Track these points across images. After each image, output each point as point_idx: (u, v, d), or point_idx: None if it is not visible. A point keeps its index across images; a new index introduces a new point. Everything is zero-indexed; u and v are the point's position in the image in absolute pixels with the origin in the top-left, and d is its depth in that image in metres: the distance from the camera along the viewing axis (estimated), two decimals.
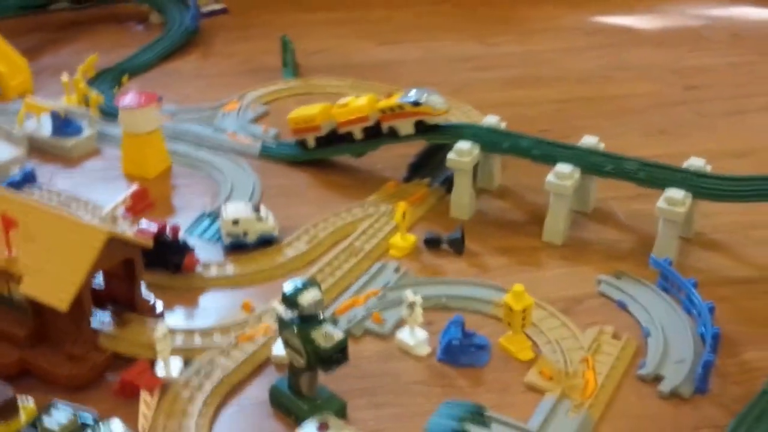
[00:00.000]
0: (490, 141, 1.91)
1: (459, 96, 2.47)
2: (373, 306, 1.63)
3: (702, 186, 1.72)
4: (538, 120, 2.35)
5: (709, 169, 1.80)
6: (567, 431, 1.35)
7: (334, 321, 1.58)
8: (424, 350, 1.54)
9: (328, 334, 1.28)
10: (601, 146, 1.91)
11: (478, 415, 1.37)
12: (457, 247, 1.81)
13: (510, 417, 1.39)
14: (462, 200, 1.92)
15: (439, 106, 1.91)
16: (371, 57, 2.80)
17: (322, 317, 1.30)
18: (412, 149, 2.10)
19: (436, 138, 1.97)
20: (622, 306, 1.65)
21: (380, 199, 1.97)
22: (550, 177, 1.79)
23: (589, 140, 1.91)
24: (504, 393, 1.45)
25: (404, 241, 1.81)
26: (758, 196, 1.70)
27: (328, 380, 1.42)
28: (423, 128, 1.93)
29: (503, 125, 2.02)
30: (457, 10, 3.19)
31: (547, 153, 1.86)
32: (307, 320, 1.29)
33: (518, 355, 1.53)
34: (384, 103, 1.95)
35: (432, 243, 1.82)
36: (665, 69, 2.70)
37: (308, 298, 1.27)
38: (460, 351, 1.51)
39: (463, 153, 1.88)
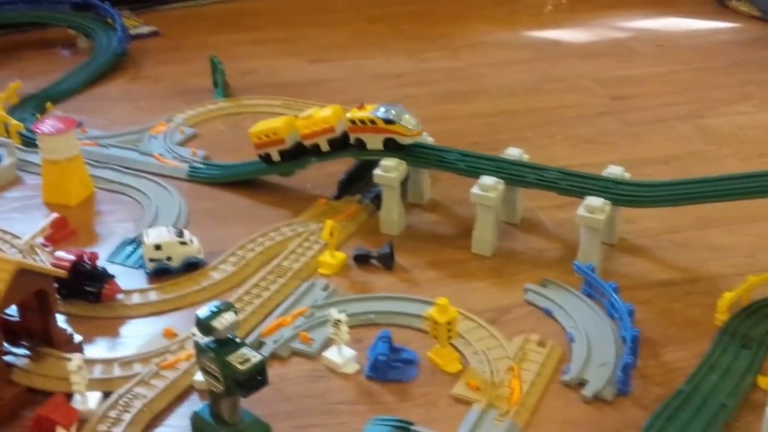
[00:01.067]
0: (416, 155, 1.93)
1: None
2: (301, 325, 1.62)
3: (620, 193, 1.76)
4: (468, 134, 2.38)
5: (627, 176, 1.84)
6: None
7: (260, 343, 1.57)
8: (352, 368, 1.53)
9: (245, 358, 1.26)
10: (525, 157, 1.93)
11: (404, 431, 1.37)
12: (387, 262, 1.81)
13: (437, 430, 1.39)
14: (391, 216, 1.93)
15: (412, 127, 1.88)
16: (302, 75, 2.80)
17: (239, 341, 1.29)
18: (342, 167, 2.10)
19: (372, 155, 1.97)
20: (548, 313, 1.66)
21: (310, 218, 1.96)
22: (475, 189, 1.81)
23: (512, 152, 1.94)
24: (431, 406, 1.46)
25: (333, 258, 1.81)
26: (673, 200, 1.74)
27: (253, 405, 1.40)
28: (392, 146, 1.90)
29: (430, 140, 2.03)
30: (388, 29, 3.21)
31: (473, 165, 1.88)
32: (224, 344, 1.27)
33: (446, 367, 1.53)
34: (355, 113, 1.92)
35: (361, 259, 1.82)
36: (592, 80, 2.75)
37: (223, 321, 1.25)
38: (388, 367, 1.51)
39: (389, 169, 1.89)
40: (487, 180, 1.81)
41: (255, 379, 1.27)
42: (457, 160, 1.90)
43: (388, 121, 1.87)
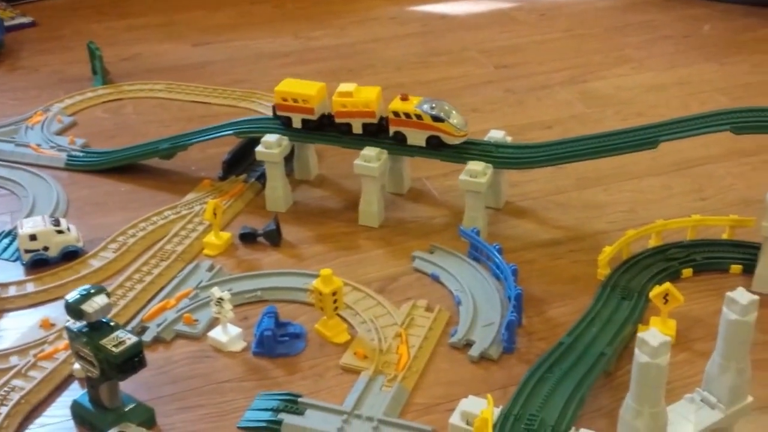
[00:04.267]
0: (298, 131, 1.90)
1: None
2: (185, 307, 1.58)
3: (501, 156, 1.78)
4: None
5: (509, 140, 1.86)
6: (381, 405, 1.35)
7: (143, 328, 1.54)
8: (239, 346, 1.51)
9: (120, 340, 1.23)
10: None
11: (292, 403, 1.36)
12: (273, 238, 1.79)
13: (325, 400, 1.38)
14: (276, 193, 1.91)
15: (460, 127, 1.77)
16: (186, 59, 2.75)
17: (113, 324, 1.25)
18: (225, 147, 2.07)
19: (250, 133, 1.94)
20: (435, 278, 1.67)
21: (194, 200, 1.92)
22: (358, 161, 1.80)
23: None
24: (320, 378, 1.45)
25: (218, 239, 1.78)
26: (553, 159, 1.76)
27: (137, 390, 1.38)
28: (435, 144, 1.78)
29: None
30: (273, 9, 3.18)
31: (356, 138, 1.87)
32: (96, 328, 1.23)
33: (334, 338, 1.52)
34: (399, 105, 1.78)
35: (247, 237, 1.80)
36: (477, 51, 2.78)
37: (93, 305, 1.21)
38: (275, 342, 1.49)
39: (271, 145, 1.86)
40: (370, 151, 1.80)
41: (131, 361, 1.24)
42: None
43: (436, 119, 1.75)
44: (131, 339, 1.24)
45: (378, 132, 1.83)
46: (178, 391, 1.43)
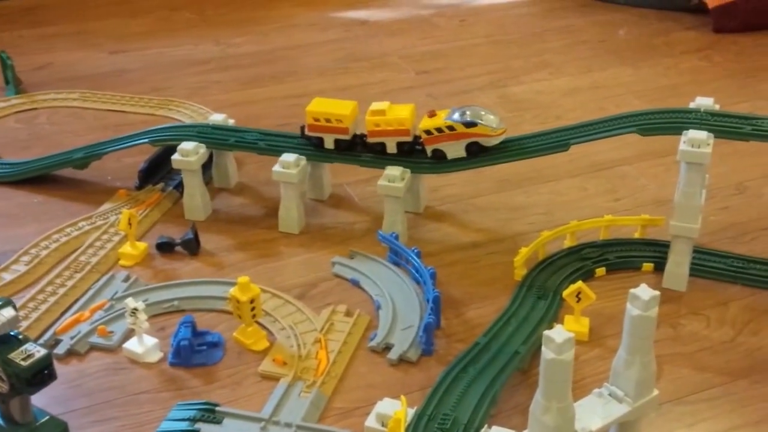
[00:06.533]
0: (216, 138, 1.89)
1: (195, 98, 2.45)
2: (100, 319, 1.55)
3: (419, 161, 1.78)
4: (275, 116, 2.37)
5: None
6: (299, 411, 1.35)
7: (56, 341, 1.50)
8: (155, 357, 1.49)
9: (29, 353, 1.20)
10: (231, 122, 1.96)
11: (209, 413, 1.34)
12: (191, 247, 1.77)
13: (244, 409, 1.37)
14: (194, 201, 1.88)
15: (496, 125, 1.71)
16: (101, 67, 2.70)
17: (21, 337, 1.22)
18: (143, 156, 2.04)
19: (165, 141, 1.92)
20: (355, 283, 1.68)
21: (110, 210, 1.89)
22: (276, 167, 1.80)
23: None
24: (238, 386, 1.44)
25: (134, 249, 1.75)
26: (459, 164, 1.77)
27: (50, 404, 1.34)
28: (476, 151, 1.73)
29: (231, 122, 2.00)
30: (193, 16, 3.15)
31: (273, 144, 1.86)
32: (4, 342, 1.20)
33: (253, 346, 1.51)
34: (428, 123, 1.72)
35: (165, 247, 1.77)
36: (398, 57, 2.80)
37: None
38: (192, 351, 1.47)
39: (188, 153, 1.84)
40: (288, 157, 1.80)
41: (40, 374, 1.21)
42: (257, 140, 1.87)
43: (469, 124, 1.69)
44: (40, 352, 1.21)
45: (412, 150, 1.77)
46: (93, 403, 1.40)
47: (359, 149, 1.80)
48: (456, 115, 1.71)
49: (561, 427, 1.08)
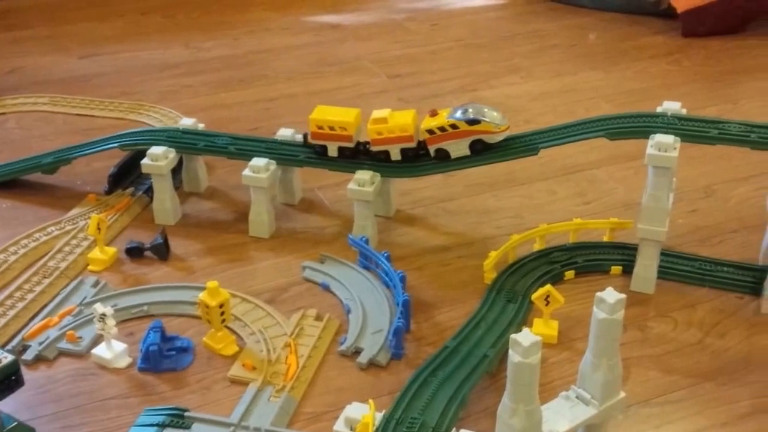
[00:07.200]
0: (185, 142, 1.88)
1: (165, 102, 2.44)
2: (68, 325, 1.54)
3: (390, 165, 1.78)
4: (246, 120, 2.36)
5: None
6: (268, 415, 1.34)
7: (24, 347, 1.49)
8: (124, 362, 1.48)
9: None
10: (299, 138, 1.93)
11: (178, 418, 1.34)
12: (160, 252, 1.76)
13: (213, 414, 1.36)
14: (164, 205, 1.88)
15: (499, 122, 1.69)
16: (71, 71, 2.68)
17: None
18: (113, 160, 2.02)
19: (134, 145, 1.91)
20: (326, 288, 1.68)
21: (79, 215, 1.87)
22: (246, 171, 1.79)
23: (285, 132, 1.93)
24: (207, 391, 1.43)
25: (104, 254, 1.74)
26: (437, 168, 1.77)
27: (18, 410, 1.34)
28: (480, 149, 1.71)
29: (201, 126, 1.99)
30: (164, 20, 3.13)
31: (243, 148, 1.86)
32: None
33: (222, 351, 1.51)
34: (431, 123, 1.70)
35: (134, 252, 1.76)
36: (370, 61, 2.80)
37: None
38: (160, 356, 1.47)
39: (157, 157, 1.83)
40: (258, 161, 1.79)
41: (8, 380, 1.21)
42: (228, 144, 1.87)
43: (472, 122, 1.68)
44: (7, 358, 1.21)
45: (417, 156, 1.76)
46: (61, 409, 1.39)
47: (362, 158, 1.78)
48: (458, 113, 1.70)
49: (528, 429, 1.08)
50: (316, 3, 3.32)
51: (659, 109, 1.67)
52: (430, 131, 1.71)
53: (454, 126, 1.69)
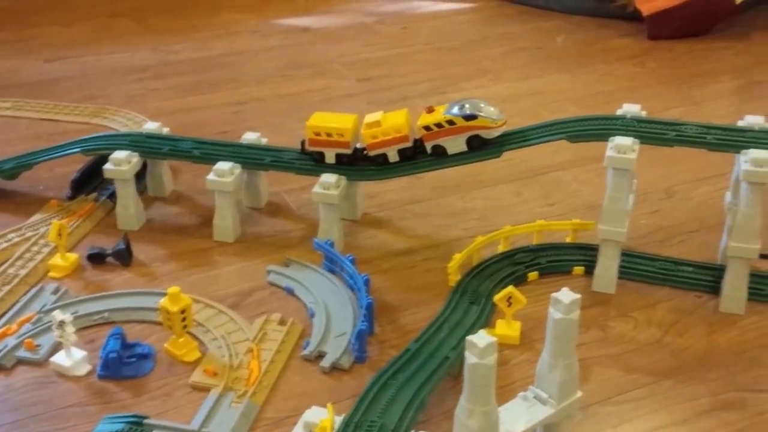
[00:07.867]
0: (149, 147, 1.87)
1: (131, 106, 2.43)
2: (27, 332, 1.53)
3: (354, 168, 1.78)
4: (214, 123, 2.35)
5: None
6: (229, 421, 1.34)
7: None
8: (83, 370, 1.46)
9: None
10: (264, 141, 1.93)
11: (137, 425, 1.33)
12: (123, 258, 1.75)
13: (173, 420, 1.35)
14: (128, 211, 1.86)
15: (496, 117, 1.68)
16: (37, 75, 2.66)
17: None
18: (76, 165, 2.01)
19: (96, 149, 1.89)
20: (290, 292, 1.67)
21: (40, 221, 1.86)
22: (211, 176, 1.79)
23: (250, 136, 1.92)
24: (168, 398, 1.42)
25: (65, 260, 1.72)
26: (401, 170, 1.77)
27: None
28: (477, 144, 1.70)
29: (165, 130, 1.98)
30: (132, 23, 3.12)
31: (207, 152, 1.85)
32: None
33: (184, 357, 1.50)
34: (427, 119, 1.70)
35: (96, 258, 1.75)
36: (340, 64, 2.80)
37: None
38: (120, 363, 1.46)
39: (120, 162, 1.82)
40: (223, 165, 1.79)
41: None
42: (192, 148, 1.86)
43: (468, 117, 1.67)
44: None
45: (414, 154, 1.75)
46: (20, 418, 1.37)
47: (361, 163, 1.77)
48: (455, 109, 1.69)
49: (485, 430, 1.09)
50: (286, 6, 3.32)
51: (619, 112, 1.68)
52: (427, 128, 1.70)
53: (450, 122, 1.69)
